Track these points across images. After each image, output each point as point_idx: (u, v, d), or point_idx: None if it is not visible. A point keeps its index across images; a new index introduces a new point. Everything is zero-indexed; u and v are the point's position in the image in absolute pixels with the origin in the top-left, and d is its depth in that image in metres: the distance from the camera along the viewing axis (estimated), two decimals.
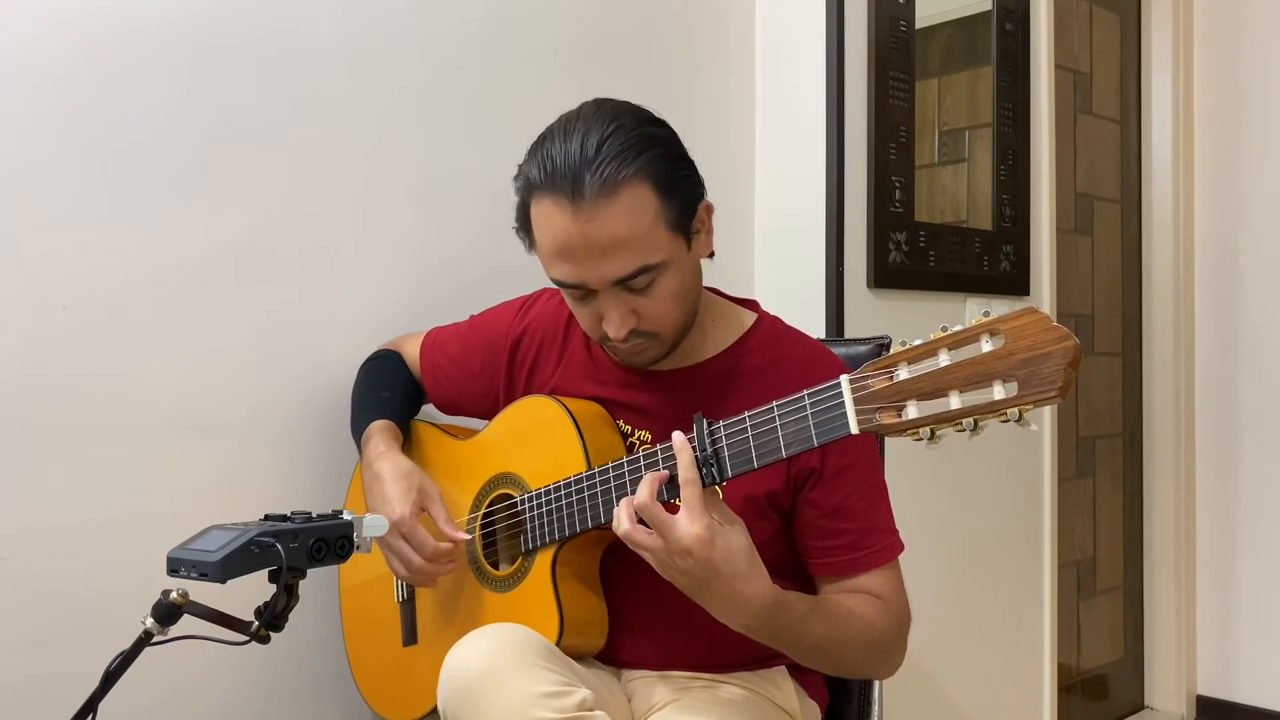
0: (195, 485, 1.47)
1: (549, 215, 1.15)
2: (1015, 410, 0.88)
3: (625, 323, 1.19)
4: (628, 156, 1.13)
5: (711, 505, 1.05)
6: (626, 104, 1.21)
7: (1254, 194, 2.98)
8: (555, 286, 1.23)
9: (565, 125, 1.17)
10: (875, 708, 1.41)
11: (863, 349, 1.46)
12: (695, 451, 1.06)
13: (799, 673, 1.31)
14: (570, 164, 1.13)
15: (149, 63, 1.43)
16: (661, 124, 1.21)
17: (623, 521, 1.06)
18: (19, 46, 1.34)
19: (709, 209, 1.24)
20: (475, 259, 1.75)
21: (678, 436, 1.07)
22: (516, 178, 1.21)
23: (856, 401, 0.97)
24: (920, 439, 0.93)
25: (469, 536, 1.31)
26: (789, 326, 1.34)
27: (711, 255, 1.27)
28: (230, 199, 1.51)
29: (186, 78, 1.47)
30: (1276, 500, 2.92)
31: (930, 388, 0.92)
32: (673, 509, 1.05)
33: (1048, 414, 2.54)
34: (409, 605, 1.41)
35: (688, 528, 1.02)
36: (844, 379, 0.99)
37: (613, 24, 1.95)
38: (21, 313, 1.34)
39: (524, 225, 1.21)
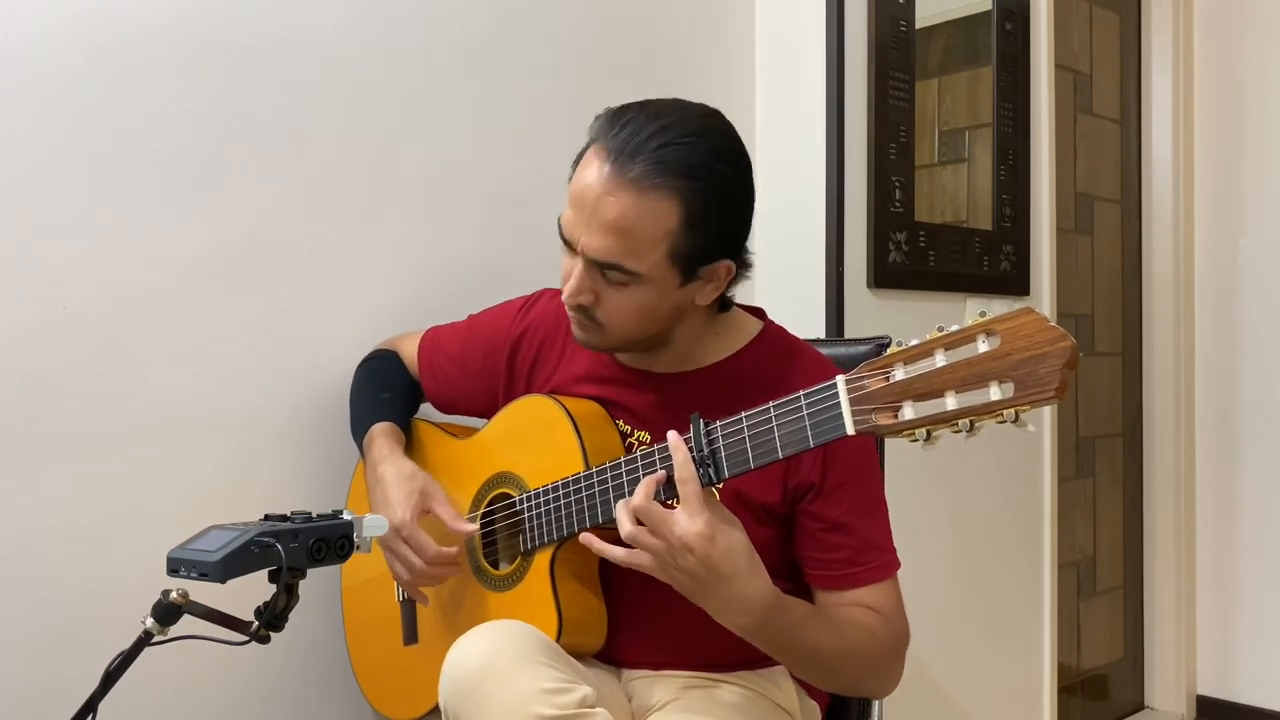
0: (195, 485, 1.47)
1: (589, 163, 1.16)
2: (1012, 411, 0.87)
3: (579, 294, 1.19)
4: (677, 171, 1.12)
5: (709, 505, 1.05)
6: (730, 135, 1.19)
7: (1254, 194, 2.98)
8: (552, 288, 1.22)
9: (660, 108, 1.17)
10: (875, 707, 1.41)
11: (863, 349, 1.45)
12: (692, 451, 1.06)
13: None
14: (634, 138, 1.13)
15: (151, 64, 1.43)
16: (739, 172, 1.18)
17: (625, 523, 1.07)
18: (22, 48, 1.34)
19: (729, 270, 1.21)
20: (475, 260, 1.75)
21: (673, 436, 1.07)
22: (598, 117, 1.20)
23: (853, 402, 0.97)
24: (916, 440, 0.93)
25: (476, 528, 1.31)
26: (794, 337, 1.33)
27: (712, 307, 1.26)
28: (231, 200, 1.51)
29: (188, 80, 1.47)
30: (1276, 500, 2.92)
31: (926, 388, 0.92)
32: (670, 510, 1.05)
33: (1048, 414, 2.54)
34: (409, 604, 1.41)
35: (688, 524, 1.03)
36: (840, 379, 0.99)
37: (613, 25, 1.95)
38: (22, 313, 1.34)
39: (576, 161, 1.21)
